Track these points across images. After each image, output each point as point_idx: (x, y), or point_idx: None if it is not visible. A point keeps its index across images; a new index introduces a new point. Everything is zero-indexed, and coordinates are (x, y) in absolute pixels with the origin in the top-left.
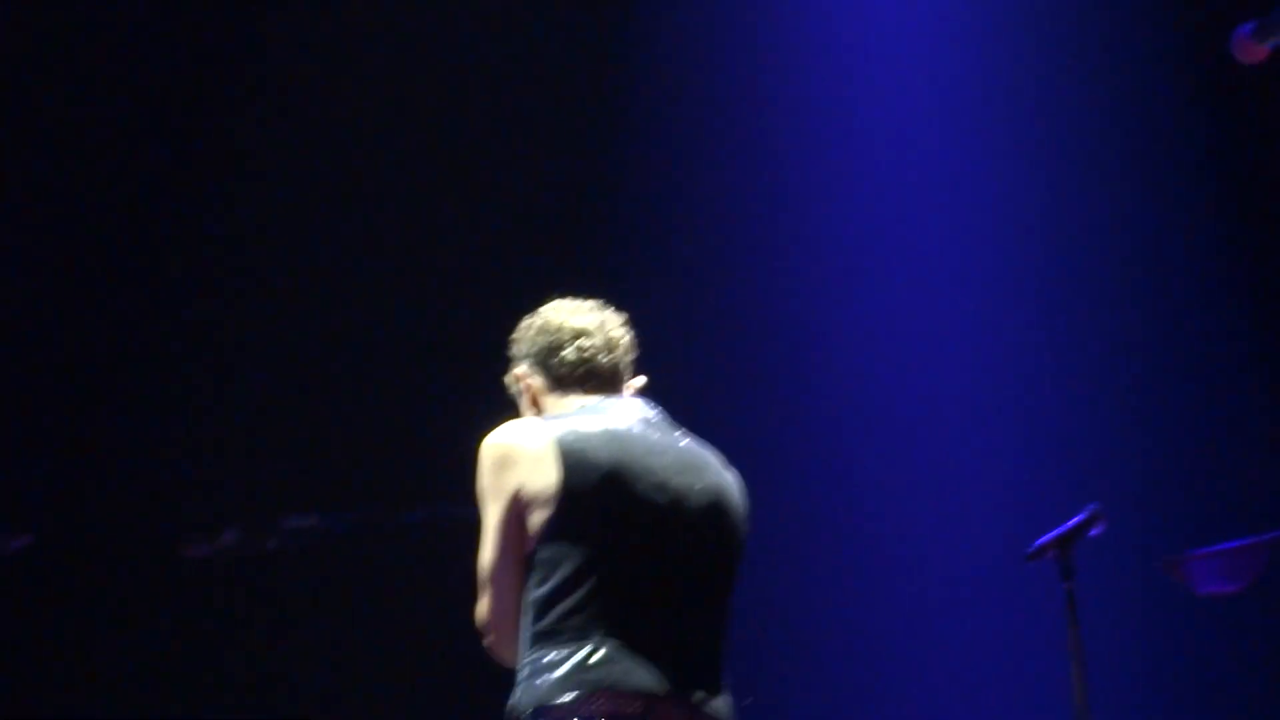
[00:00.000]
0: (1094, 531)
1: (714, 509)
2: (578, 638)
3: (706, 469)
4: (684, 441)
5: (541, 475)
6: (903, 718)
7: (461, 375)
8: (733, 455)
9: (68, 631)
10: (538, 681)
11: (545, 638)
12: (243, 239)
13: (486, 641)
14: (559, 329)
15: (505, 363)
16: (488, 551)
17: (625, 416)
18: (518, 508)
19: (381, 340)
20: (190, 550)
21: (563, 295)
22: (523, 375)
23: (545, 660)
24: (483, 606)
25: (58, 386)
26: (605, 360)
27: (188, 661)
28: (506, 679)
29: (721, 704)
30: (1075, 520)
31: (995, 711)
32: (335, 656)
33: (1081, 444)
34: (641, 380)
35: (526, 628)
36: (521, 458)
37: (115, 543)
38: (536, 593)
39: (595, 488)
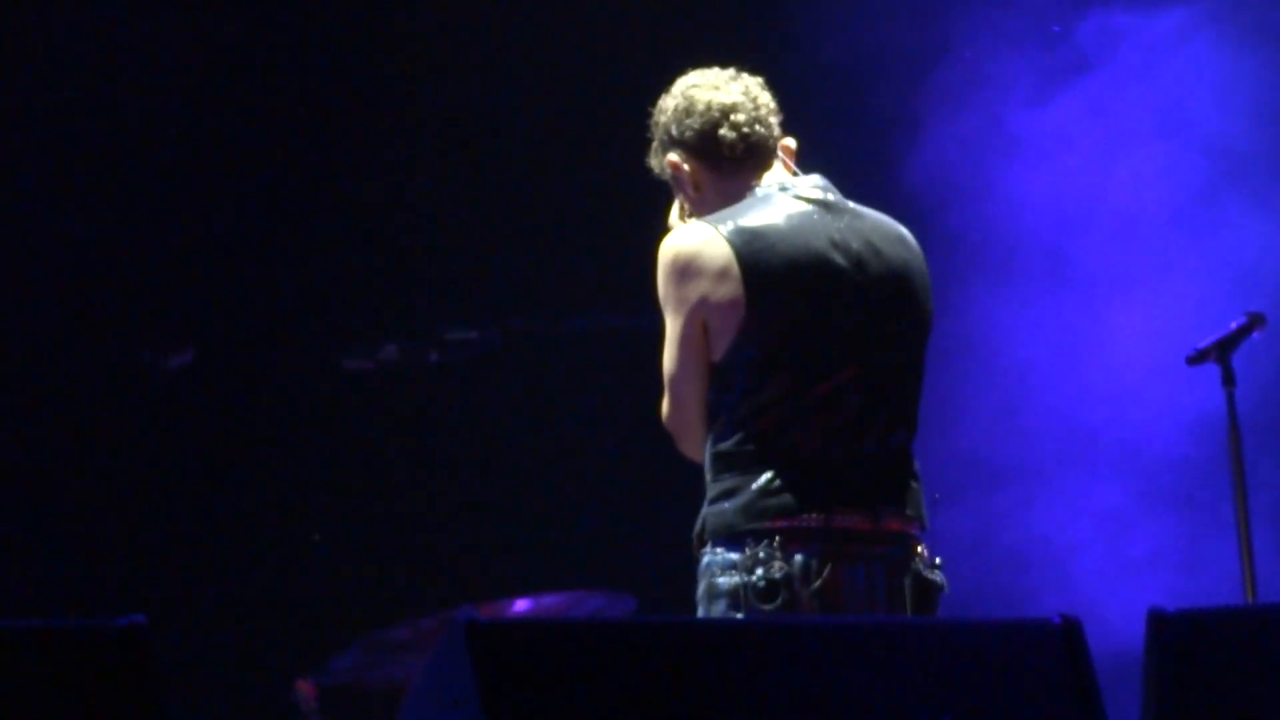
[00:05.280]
0: (1254, 336)
1: (901, 294)
2: (757, 462)
3: (891, 248)
4: (862, 220)
5: (724, 288)
6: (1071, 516)
7: (617, 184)
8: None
9: (230, 447)
10: (720, 508)
11: (726, 461)
12: (409, 63)
13: (674, 438)
14: (708, 108)
15: (645, 144)
16: (670, 361)
17: (801, 204)
18: (700, 319)
19: (536, 154)
20: (351, 363)
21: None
22: (676, 163)
23: (725, 487)
24: (666, 409)
25: (221, 204)
26: (761, 132)
27: (349, 476)
28: (665, 490)
29: (909, 504)
30: (1234, 325)
31: (1157, 512)
32: (497, 469)
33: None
34: (791, 142)
35: (710, 444)
36: (704, 269)
37: (276, 357)
38: (719, 408)
39: (779, 297)
